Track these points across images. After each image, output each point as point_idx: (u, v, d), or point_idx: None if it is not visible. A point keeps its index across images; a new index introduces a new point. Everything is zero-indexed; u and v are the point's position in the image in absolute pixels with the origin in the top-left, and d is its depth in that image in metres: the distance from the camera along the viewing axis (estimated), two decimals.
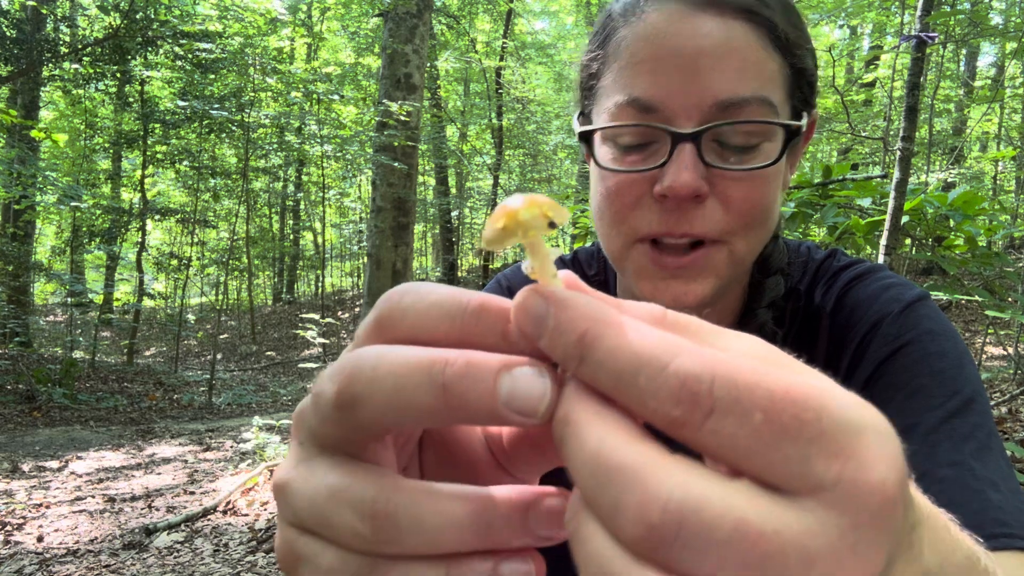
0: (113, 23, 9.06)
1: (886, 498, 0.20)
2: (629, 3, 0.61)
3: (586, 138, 0.63)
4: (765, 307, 0.70)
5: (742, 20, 0.56)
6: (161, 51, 9.54)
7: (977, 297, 3.03)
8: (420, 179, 15.51)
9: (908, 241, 3.50)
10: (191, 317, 15.30)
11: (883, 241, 2.73)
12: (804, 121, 0.60)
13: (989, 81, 13.65)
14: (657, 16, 0.57)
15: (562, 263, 0.83)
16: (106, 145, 14.48)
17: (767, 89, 0.57)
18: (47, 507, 4.24)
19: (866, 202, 3.13)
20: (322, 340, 9.29)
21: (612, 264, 0.66)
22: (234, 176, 13.44)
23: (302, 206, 20.15)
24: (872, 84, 11.90)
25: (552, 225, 0.24)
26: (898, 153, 2.73)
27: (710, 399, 0.20)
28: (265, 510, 4.06)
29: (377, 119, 10.14)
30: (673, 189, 0.56)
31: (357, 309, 15.81)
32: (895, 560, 0.22)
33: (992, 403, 3.90)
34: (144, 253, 12.56)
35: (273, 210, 20.56)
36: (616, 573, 0.20)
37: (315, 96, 11.12)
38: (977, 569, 0.28)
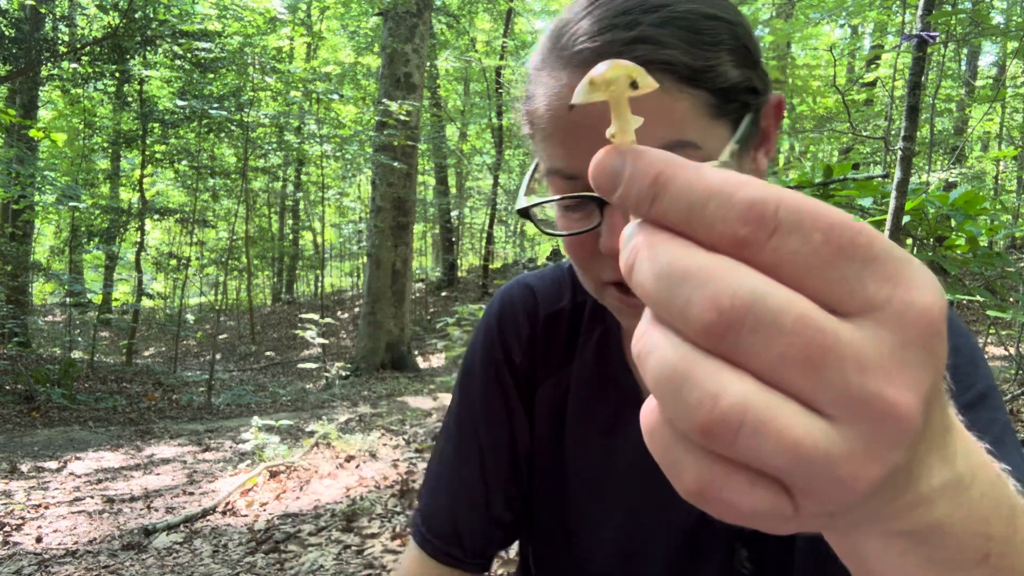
0: (112, 22, 9.04)
1: (932, 321, 0.21)
2: (536, 64, 0.61)
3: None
4: None
5: None
6: (160, 50, 9.52)
7: (979, 297, 3.02)
8: (420, 179, 15.49)
9: (909, 241, 3.49)
10: (190, 317, 15.28)
11: None
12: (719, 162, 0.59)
13: (990, 80, 13.64)
14: (558, 87, 0.57)
15: (559, 270, 0.82)
16: (105, 145, 14.45)
17: (681, 130, 0.55)
18: (46, 508, 4.23)
19: (867, 202, 3.12)
20: (321, 340, 9.28)
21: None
22: (233, 176, 13.42)
23: (301, 206, 20.13)
24: (873, 84, 11.89)
25: (635, 85, 0.26)
26: (899, 153, 2.72)
27: (774, 220, 0.22)
28: (264, 511, 4.04)
29: (377, 118, 10.12)
30: (611, 251, 0.57)
31: (356, 309, 15.80)
32: (930, 451, 0.24)
33: None
34: (143, 253, 12.53)
35: (272, 210, 20.53)
36: (687, 364, 0.22)
37: (314, 95, 11.10)
38: (1008, 490, 0.29)
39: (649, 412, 0.24)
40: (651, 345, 0.23)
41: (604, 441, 0.74)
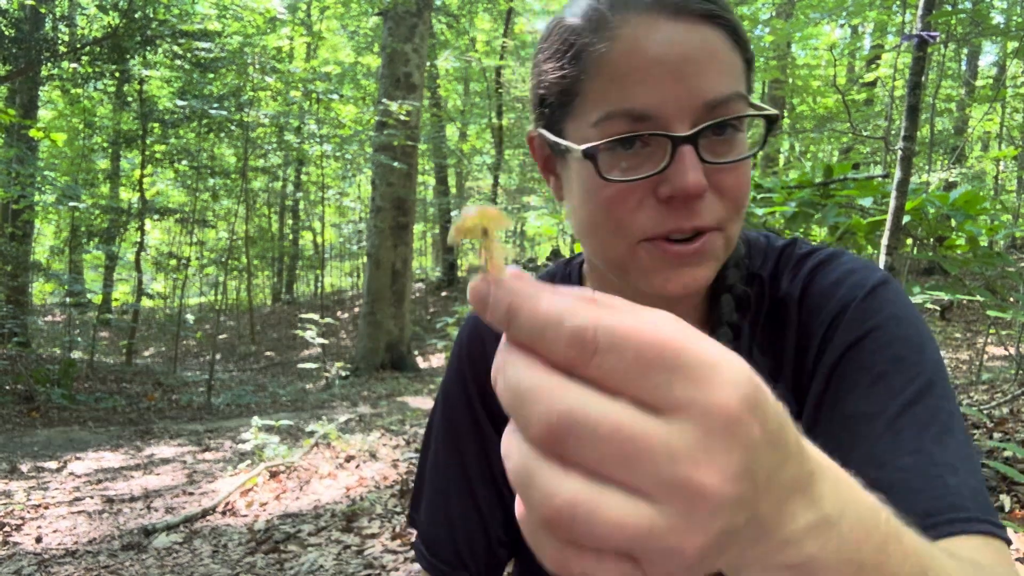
0: (112, 22, 9.04)
1: (730, 414, 0.26)
2: (594, 19, 0.63)
3: (563, 153, 0.66)
4: (726, 293, 0.73)
5: (708, 25, 0.60)
6: (160, 50, 9.52)
7: (979, 297, 3.02)
8: (420, 179, 15.47)
9: (910, 241, 3.49)
10: (190, 317, 15.27)
11: (884, 241, 2.71)
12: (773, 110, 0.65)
13: (990, 80, 13.63)
14: (633, 30, 0.61)
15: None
16: (105, 144, 14.45)
17: (738, 84, 0.62)
18: (45, 508, 4.23)
19: (867, 202, 3.11)
20: (321, 340, 9.27)
21: (609, 270, 0.68)
22: (233, 176, 13.41)
23: (301, 206, 20.12)
24: (873, 83, 11.89)
25: (485, 232, 0.31)
26: (899, 153, 2.71)
27: (594, 343, 0.26)
28: (264, 511, 4.04)
29: (377, 118, 10.12)
30: (685, 190, 0.60)
31: (356, 309, 15.79)
32: (788, 500, 0.29)
33: (994, 403, 3.89)
34: (143, 253, 12.53)
35: (272, 210, 20.51)
36: (530, 469, 0.27)
37: (314, 95, 11.11)
38: (879, 519, 0.33)
39: (518, 503, 0.29)
40: (509, 449, 0.28)
41: None
